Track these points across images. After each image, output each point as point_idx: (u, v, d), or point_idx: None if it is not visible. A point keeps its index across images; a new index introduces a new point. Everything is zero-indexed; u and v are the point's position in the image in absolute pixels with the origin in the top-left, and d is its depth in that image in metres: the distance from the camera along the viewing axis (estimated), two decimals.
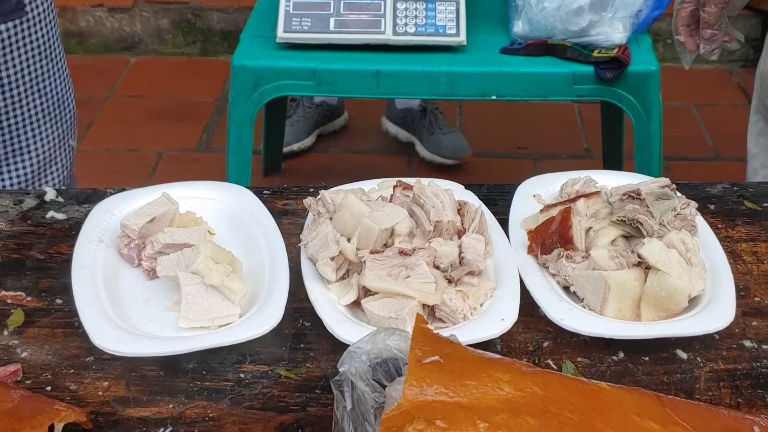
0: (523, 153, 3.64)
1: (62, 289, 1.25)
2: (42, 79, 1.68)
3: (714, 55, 1.65)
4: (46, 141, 1.73)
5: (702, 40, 1.63)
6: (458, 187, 1.38)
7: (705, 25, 1.61)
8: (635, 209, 1.25)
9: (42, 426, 0.92)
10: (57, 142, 1.76)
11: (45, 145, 1.73)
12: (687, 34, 1.66)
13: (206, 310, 1.16)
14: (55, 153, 1.76)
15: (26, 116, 1.67)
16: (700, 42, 1.64)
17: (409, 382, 0.82)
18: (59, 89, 1.75)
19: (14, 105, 1.64)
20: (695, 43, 1.66)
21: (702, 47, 1.64)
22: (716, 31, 1.60)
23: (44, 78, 1.69)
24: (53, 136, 1.75)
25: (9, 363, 1.13)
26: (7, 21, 1.60)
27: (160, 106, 3.93)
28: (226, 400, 1.08)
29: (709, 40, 1.62)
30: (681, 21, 1.67)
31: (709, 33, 1.61)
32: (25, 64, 1.64)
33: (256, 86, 2.47)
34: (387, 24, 2.42)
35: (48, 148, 1.73)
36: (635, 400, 0.87)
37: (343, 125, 3.82)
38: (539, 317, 1.20)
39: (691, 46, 1.67)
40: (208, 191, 1.40)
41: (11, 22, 1.60)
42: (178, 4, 4.32)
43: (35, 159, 1.71)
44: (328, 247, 1.22)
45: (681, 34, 1.66)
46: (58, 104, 1.74)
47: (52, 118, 1.73)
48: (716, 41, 1.62)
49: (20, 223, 1.39)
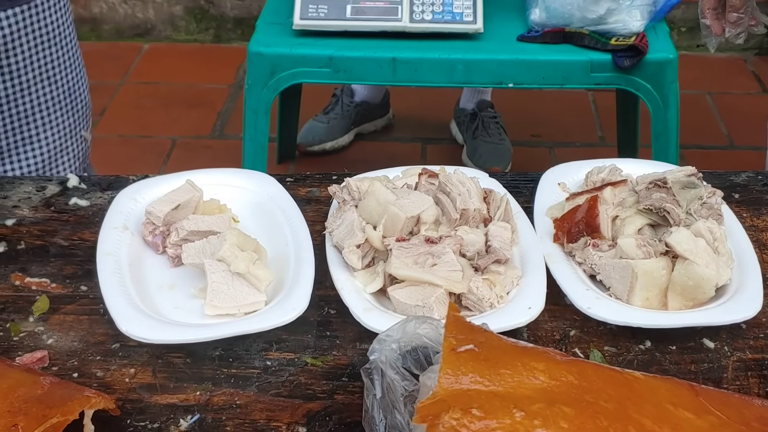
0: (538, 141, 3.63)
1: (86, 276, 1.25)
2: (52, 67, 1.67)
3: (740, 38, 1.64)
4: (56, 130, 1.72)
5: (728, 23, 1.63)
6: (483, 175, 1.37)
7: (731, 9, 1.61)
8: (662, 198, 1.25)
9: (73, 412, 0.92)
10: (68, 132, 1.75)
11: (55, 135, 1.71)
12: (713, 17, 1.66)
13: (232, 298, 1.16)
14: (67, 143, 1.75)
15: (35, 104, 1.65)
16: (725, 25, 1.64)
17: (444, 370, 0.82)
18: (71, 78, 1.73)
19: (23, 92, 1.63)
20: (721, 27, 1.66)
21: (727, 31, 1.64)
22: (742, 14, 1.60)
23: (54, 66, 1.68)
24: (64, 126, 1.73)
25: (35, 349, 1.13)
26: (14, 6, 1.59)
27: (174, 93, 3.92)
28: (253, 388, 1.08)
29: (734, 23, 1.62)
30: (707, 4, 1.66)
31: (735, 16, 1.61)
32: (33, 51, 1.63)
33: (272, 73, 2.47)
34: (404, 11, 2.42)
35: (59, 137, 1.72)
36: (669, 390, 0.87)
37: (385, 125, 3.67)
38: (566, 306, 1.19)
39: (717, 30, 1.66)
40: (231, 178, 1.40)
41: (18, 7, 1.59)
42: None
43: (45, 149, 1.70)
44: (353, 235, 1.21)
45: (707, 18, 1.66)
46: (70, 93, 1.73)
47: (63, 107, 1.72)
48: (742, 25, 1.62)
49: (43, 210, 1.38)
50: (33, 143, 1.69)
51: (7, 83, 1.60)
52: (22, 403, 0.91)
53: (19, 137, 1.66)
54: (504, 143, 3.40)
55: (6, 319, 1.18)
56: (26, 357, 1.11)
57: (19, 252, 1.29)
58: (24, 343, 1.14)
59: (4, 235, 1.32)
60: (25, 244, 1.31)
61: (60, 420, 0.90)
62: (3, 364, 1.00)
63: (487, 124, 3.40)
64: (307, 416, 1.04)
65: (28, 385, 0.94)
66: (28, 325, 1.17)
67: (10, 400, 0.91)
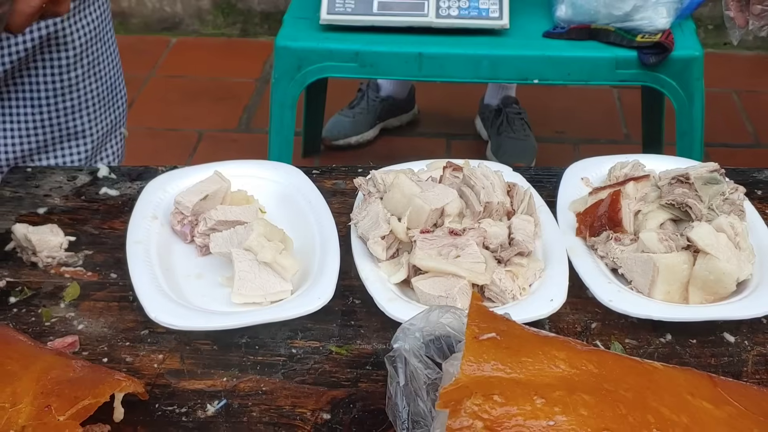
0: (562, 137, 3.63)
1: (116, 264, 1.27)
2: (97, 63, 1.69)
3: (763, 31, 1.61)
4: (100, 126, 1.74)
5: (752, 15, 1.60)
6: (507, 169, 1.38)
7: (755, 1, 1.58)
8: (684, 193, 1.26)
9: (104, 395, 0.95)
10: (110, 128, 1.77)
11: (99, 130, 1.74)
12: (737, 9, 1.62)
13: (259, 287, 1.18)
14: (108, 138, 1.78)
15: (82, 100, 1.68)
16: (749, 18, 1.61)
17: (467, 357, 0.84)
18: (113, 74, 1.76)
19: (71, 88, 1.65)
20: (745, 19, 1.62)
21: (751, 23, 1.61)
22: (766, 6, 1.58)
23: (99, 62, 1.70)
24: (107, 122, 1.76)
25: (66, 334, 1.15)
26: None
27: (200, 87, 3.95)
28: (279, 375, 1.10)
29: (759, 16, 1.59)
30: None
31: (759, 9, 1.58)
32: (84, 47, 1.65)
33: (299, 67, 2.49)
34: (430, 7, 2.43)
35: (102, 133, 1.75)
36: (688, 380, 0.88)
37: (410, 120, 3.68)
38: (587, 298, 1.21)
39: (741, 22, 1.63)
40: (258, 170, 1.42)
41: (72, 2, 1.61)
42: None
43: (89, 144, 1.72)
44: (378, 226, 1.23)
45: (731, 9, 1.63)
46: (111, 89, 1.75)
47: (106, 102, 1.74)
48: (766, 17, 1.61)
49: (74, 199, 1.41)
50: (78, 138, 1.71)
51: (56, 77, 1.62)
52: (55, 385, 0.94)
53: (65, 132, 1.68)
54: (528, 139, 3.41)
55: (38, 305, 1.20)
56: (57, 342, 1.13)
57: None
58: (55, 328, 1.17)
59: (35, 224, 1.35)
60: None
61: (91, 402, 0.93)
62: (36, 348, 1.03)
63: (511, 120, 3.40)
64: (332, 403, 1.06)
65: (61, 368, 0.97)
66: (59, 311, 1.20)
67: (43, 382, 0.94)
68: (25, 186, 1.43)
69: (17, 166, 1.51)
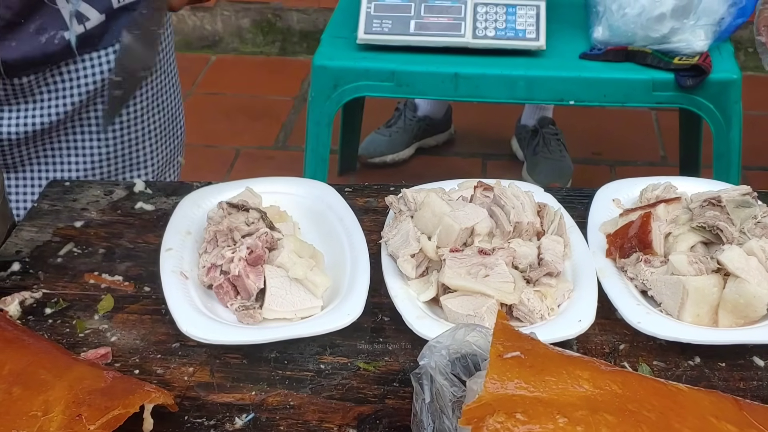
0: (599, 159, 3.63)
1: (150, 277, 1.29)
2: (160, 95, 1.71)
3: None
4: (160, 156, 1.76)
5: None
6: (538, 190, 1.39)
7: None
8: (715, 216, 1.26)
9: (134, 405, 0.96)
10: (169, 158, 1.79)
11: (160, 161, 1.76)
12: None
13: (290, 302, 1.19)
14: (166, 168, 1.80)
15: (145, 132, 1.69)
16: None
17: (491, 375, 0.84)
18: (174, 106, 1.77)
19: (135, 120, 1.67)
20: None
21: None
22: None
23: (162, 94, 1.71)
24: (166, 152, 1.77)
25: (99, 346, 1.17)
26: None
27: (239, 104, 3.99)
28: (307, 390, 1.11)
29: None
30: (763, 21, 1.65)
31: None
32: (149, 78, 1.67)
33: (335, 86, 2.51)
34: (467, 27, 2.44)
35: (162, 163, 1.76)
36: (713, 402, 0.88)
37: (447, 140, 3.69)
38: (616, 320, 1.21)
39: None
40: (290, 186, 1.43)
41: None
42: (258, 3, 4.38)
43: (150, 174, 1.74)
44: (408, 245, 1.24)
45: (762, 35, 1.64)
46: (172, 121, 1.77)
47: (167, 134, 1.76)
48: None
49: (110, 213, 1.43)
50: (139, 169, 1.73)
51: (122, 111, 1.65)
52: (86, 395, 0.95)
53: (128, 163, 1.70)
54: (564, 160, 3.41)
55: (72, 317, 1.22)
56: (90, 353, 1.15)
57: (85, 253, 1.34)
58: (88, 339, 1.19)
59: (72, 236, 1.37)
60: (92, 246, 1.36)
61: (121, 412, 0.94)
62: (69, 358, 1.05)
63: (548, 141, 3.40)
64: (358, 419, 1.07)
65: (92, 378, 0.99)
66: (93, 323, 1.22)
67: (75, 391, 0.96)
68: (63, 199, 1.46)
69: (55, 180, 1.53)
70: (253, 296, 1.20)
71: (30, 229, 1.39)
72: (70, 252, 1.34)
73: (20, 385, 0.96)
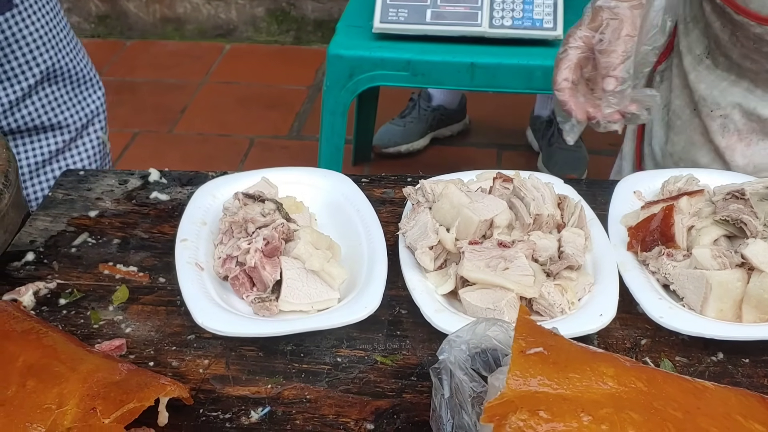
0: (614, 149, 3.59)
1: (165, 268, 1.28)
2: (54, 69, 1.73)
3: (615, 126, 1.28)
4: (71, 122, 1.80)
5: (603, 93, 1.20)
6: (558, 181, 1.37)
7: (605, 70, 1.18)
8: (739, 209, 1.23)
9: (149, 399, 0.95)
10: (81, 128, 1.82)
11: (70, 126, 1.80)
12: (571, 95, 1.29)
13: (306, 295, 1.17)
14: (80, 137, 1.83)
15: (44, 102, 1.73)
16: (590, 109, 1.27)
17: (513, 372, 0.83)
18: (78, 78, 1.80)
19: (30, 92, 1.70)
20: (583, 111, 1.30)
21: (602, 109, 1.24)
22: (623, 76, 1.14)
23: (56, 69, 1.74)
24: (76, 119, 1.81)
25: (114, 337, 1.16)
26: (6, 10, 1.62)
27: (253, 93, 3.98)
28: (323, 383, 1.10)
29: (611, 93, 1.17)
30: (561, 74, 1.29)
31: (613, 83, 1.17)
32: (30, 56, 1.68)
33: (351, 75, 2.49)
34: (483, 16, 2.42)
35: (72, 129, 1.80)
36: (740, 401, 0.86)
37: (461, 130, 3.68)
38: (637, 314, 1.19)
39: (580, 114, 1.30)
40: (307, 177, 1.42)
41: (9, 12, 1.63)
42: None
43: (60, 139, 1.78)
44: (426, 237, 1.22)
45: (563, 91, 1.25)
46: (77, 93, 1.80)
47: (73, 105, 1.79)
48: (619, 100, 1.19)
49: (125, 203, 1.42)
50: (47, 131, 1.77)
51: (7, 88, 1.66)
52: (101, 388, 0.94)
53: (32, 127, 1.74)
54: (580, 150, 3.38)
55: (87, 308, 1.21)
56: (105, 344, 1.14)
57: (100, 243, 1.33)
58: (103, 331, 1.17)
59: (86, 227, 1.36)
60: (107, 236, 1.35)
61: (136, 405, 0.93)
62: (83, 350, 1.04)
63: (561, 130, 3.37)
64: (376, 413, 1.06)
65: (107, 370, 0.97)
66: (107, 314, 1.20)
67: (90, 384, 0.94)
68: (78, 189, 1.45)
69: (69, 170, 1.52)
70: (270, 288, 1.19)
71: (44, 218, 1.38)
72: (85, 242, 1.33)
73: (34, 377, 0.95)
